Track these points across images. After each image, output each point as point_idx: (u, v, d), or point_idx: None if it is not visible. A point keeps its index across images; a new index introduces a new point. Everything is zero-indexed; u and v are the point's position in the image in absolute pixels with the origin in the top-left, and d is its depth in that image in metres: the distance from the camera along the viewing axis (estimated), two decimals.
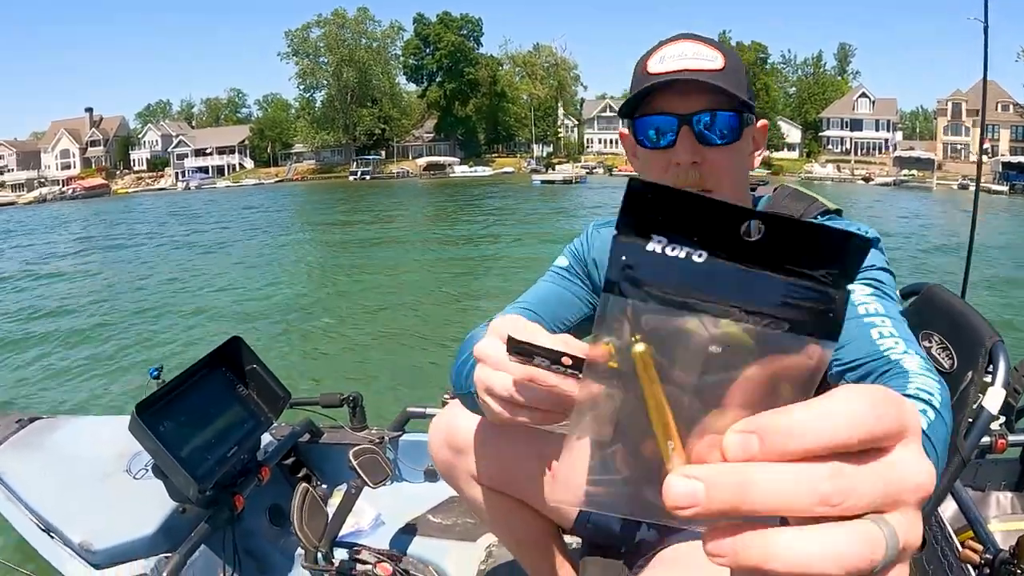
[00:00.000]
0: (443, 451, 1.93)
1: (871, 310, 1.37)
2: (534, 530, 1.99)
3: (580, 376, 0.71)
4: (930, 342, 1.95)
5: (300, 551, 2.80)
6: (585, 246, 1.84)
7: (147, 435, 2.17)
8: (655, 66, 1.48)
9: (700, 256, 0.44)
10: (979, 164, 4.70)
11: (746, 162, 1.57)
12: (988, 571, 1.96)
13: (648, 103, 1.51)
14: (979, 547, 2.03)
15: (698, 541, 1.33)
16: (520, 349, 0.78)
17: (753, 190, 1.73)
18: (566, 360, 0.78)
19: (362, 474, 2.57)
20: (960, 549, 2.06)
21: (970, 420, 1.72)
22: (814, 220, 1.32)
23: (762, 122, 1.61)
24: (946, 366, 1.88)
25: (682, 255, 0.45)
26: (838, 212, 1.65)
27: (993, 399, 1.71)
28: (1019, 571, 1.87)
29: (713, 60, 1.47)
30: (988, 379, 1.76)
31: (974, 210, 4.67)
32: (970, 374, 1.79)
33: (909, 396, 1.18)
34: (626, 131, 1.62)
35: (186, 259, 24.02)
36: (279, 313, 13.69)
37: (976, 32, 5.01)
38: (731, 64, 1.49)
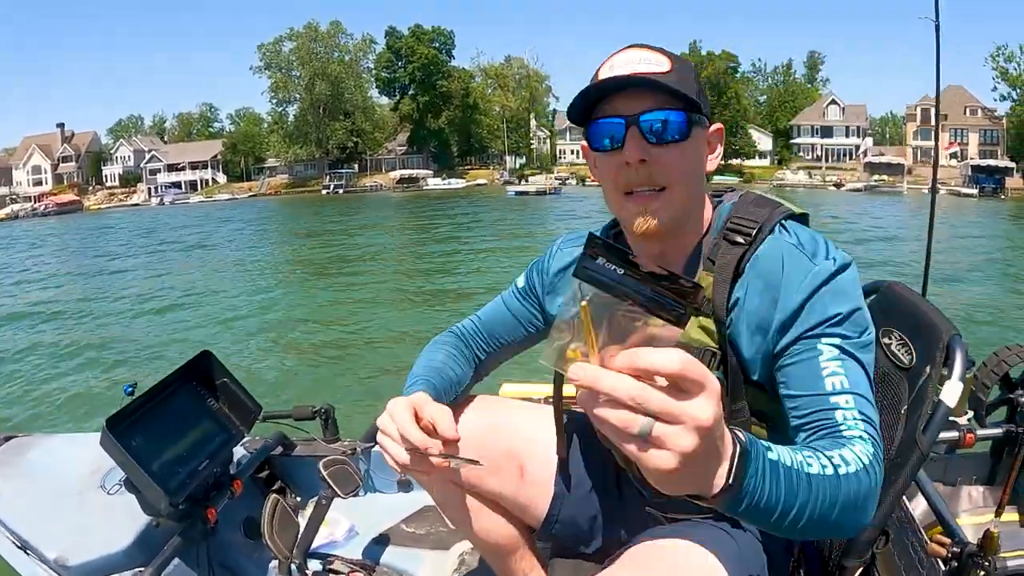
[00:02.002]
0: None
1: (837, 385, 1.40)
2: (505, 532, 2.02)
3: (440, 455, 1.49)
4: (890, 339, 1.98)
5: (274, 563, 2.81)
6: (547, 263, 1.94)
7: (118, 449, 2.17)
8: (605, 73, 1.53)
9: (620, 270, 0.89)
10: (935, 164, 4.80)
11: (699, 162, 1.60)
12: (956, 564, 1.98)
13: (599, 109, 1.55)
14: (947, 540, 2.06)
15: (667, 539, 1.41)
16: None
17: (719, 196, 1.75)
18: (433, 450, 1.49)
19: (332, 484, 2.59)
20: (928, 543, 2.09)
21: (929, 415, 1.74)
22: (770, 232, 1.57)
23: (716, 126, 1.63)
24: (905, 362, 1.91)
25: (611, 267, 0.89)
26: (804, 216, 1.67)
27: (950, 392, 1.74)
28: (986, 563, 1.90)
29: (659, 64, 1.52)
30: (946, 373, 1.78)
31: (931, 212, 4.78)
32: (928, 368, 1.81)
33: (825, 453, 1.25)
34: (586, 144, 1.65)
35: (158, 274, 23.92)
36: (251, 327, 13.68)
37: (946, 33, 5.08)
38: (678, 67, 1.53)
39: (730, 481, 1.02)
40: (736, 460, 1.02)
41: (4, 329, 15.26)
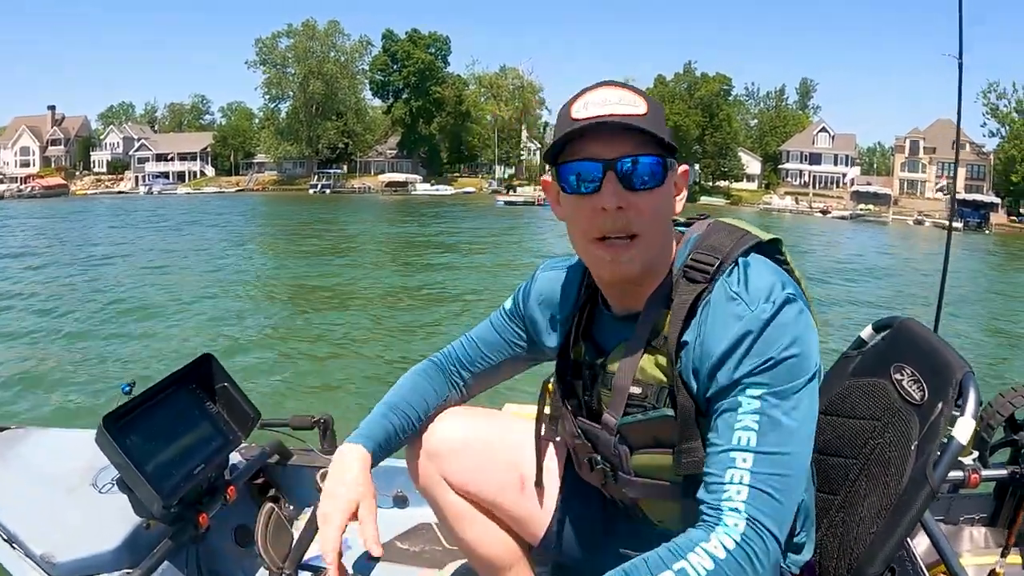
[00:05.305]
0: (421, 457, 1.97)
1: (742, 441, 1.41)
2: (503, 546, 2.03)
3: None
4: (902, 374, 1.97)
5: (264, 572, 2.79)
6: (529, 287, 1.94)
7: (113, 448, 2.14)
8: (579, 112, 1.49)
9: None
10: (952, 200, 4.84)
11: (670, 207, 1.57)
12: None
13: (572, 149, 1.51)
14: None
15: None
16: None
17: (688, 225, 1.71)
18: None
19: None
20: None
21: (940, 452, 1.75)
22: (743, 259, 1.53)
23: (683, 168, 1.59)
24: (917, 398, 1.90)
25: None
26: (774, 243, 1.64)
27: (962, 430, 1.73)
28: None
29: (637, 105, 1.47)
30: (958, 412, 1.78)
31: (947, 248, 4.79)
32: (940, 405, 1.81)
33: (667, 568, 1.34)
34: (549, 178, 1.65)
35: (154, 270, 23.74)
36: (249, 334, 13.61)
37: (940, 69, 5.14)
38: (653, 110, 1.49)
39: None
40: None
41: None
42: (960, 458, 3.00)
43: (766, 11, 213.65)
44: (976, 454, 3.20)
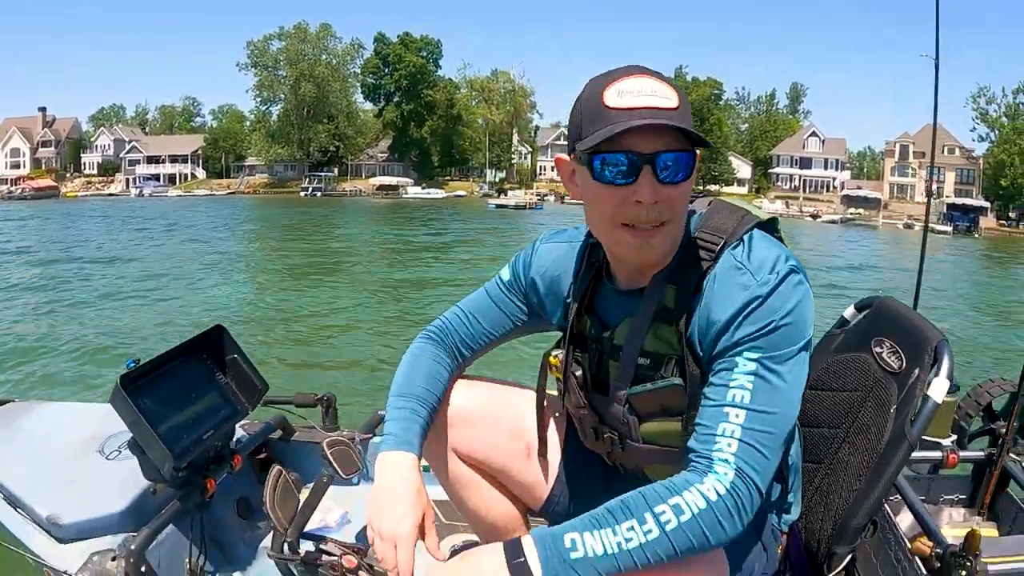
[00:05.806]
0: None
1: (736, 398, 1.49)
2: (506, 510, 2.09)
3: None
4: (881, 347, 2.06)
5: (265, 543, 2.81)
6: (529, 259, 1.96)
7: (129, 407, 2.18)
8: (613, 100, 1.48)
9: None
10: (928, 190, 4.94)
11: (691, 192, 1.61)
12: (939, 565, 2.05)
13: (608, 139, 1.48)
14: (931, 543, 2.13)
15: None
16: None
17: (691, 201, 1.74)
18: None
19: (335, 464, 2.59)
20: (910, 543, 2.16)
21: (917, 409, 1.85)
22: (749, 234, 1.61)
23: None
24: (895, 367, 1.99)
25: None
26: (772, 221, 1.69)
27: (937, 388, 1.83)
28: (968, 562, 1.96)
29: (670, 98, 1.48)
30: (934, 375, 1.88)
31: (924, 230, 4.91)
32: (917, 371, 1.91)
33: (653, 509, 1.44)
34: (566, 157, 1.66)
35: (152, 260, 23.95)
36: (254, 316, 13.75)
37: (930, 73, 5.19)
38: (683, 102, 1.51)
39: None
40: (512, 566, 1.42)
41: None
42: (939, 440, 3.09)
43: (758, 14, 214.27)
44: (955, 437, 3.29)
